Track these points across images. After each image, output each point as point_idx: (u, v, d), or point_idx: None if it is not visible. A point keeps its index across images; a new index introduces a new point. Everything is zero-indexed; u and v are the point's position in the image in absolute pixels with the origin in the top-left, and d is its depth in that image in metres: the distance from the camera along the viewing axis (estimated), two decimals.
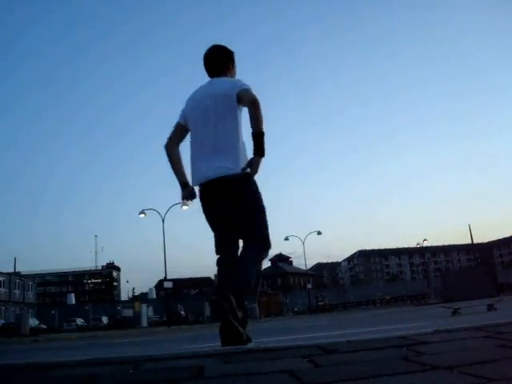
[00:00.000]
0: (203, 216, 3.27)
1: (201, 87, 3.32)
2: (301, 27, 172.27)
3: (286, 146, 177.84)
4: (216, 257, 3.31)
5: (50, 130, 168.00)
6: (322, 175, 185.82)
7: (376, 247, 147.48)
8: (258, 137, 2.96)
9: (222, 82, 3.23)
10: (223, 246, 3.28)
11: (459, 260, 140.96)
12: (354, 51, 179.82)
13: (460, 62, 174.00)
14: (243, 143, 3.15)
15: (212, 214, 3.23)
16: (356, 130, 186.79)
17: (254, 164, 2.97)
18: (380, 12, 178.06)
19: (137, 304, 40.18)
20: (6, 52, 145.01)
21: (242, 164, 3.02)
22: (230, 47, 3.39)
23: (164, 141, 3.41)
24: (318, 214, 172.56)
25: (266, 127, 3.01)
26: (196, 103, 3.25)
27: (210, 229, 3.38)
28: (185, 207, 33.38)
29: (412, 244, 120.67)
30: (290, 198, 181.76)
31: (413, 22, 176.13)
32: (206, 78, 3.40)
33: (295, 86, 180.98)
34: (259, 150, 2.97)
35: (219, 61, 3.34)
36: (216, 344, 3.28)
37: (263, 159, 2.98)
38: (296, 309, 56.21)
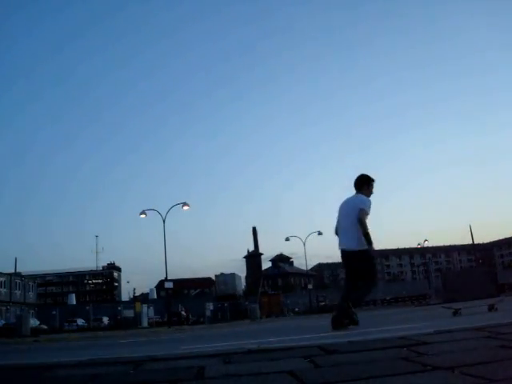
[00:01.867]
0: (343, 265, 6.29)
1: (350, 197, 6.18)
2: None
3: (286, 147, 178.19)
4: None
5: (55, 135, 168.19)
6: (323, 176, 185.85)
7: (376, 247, 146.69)
8: (364, 236, 5.84)
9: (357, 199, 6.05)
10: (349, 284, 6.08)
11: (460, 260, 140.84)
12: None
13: (462, 61, 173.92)
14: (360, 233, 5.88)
15: (346, 267, 6.17)
16: (354, 130, 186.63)
17: (370, 250, 5.97)
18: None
19: (137, 304, 40.20)
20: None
21: (358, 244, 5.89)
22: (372, 174, 6.35)
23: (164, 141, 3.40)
24: (319, 215, 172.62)
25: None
26: (343, 206, 6.18)
27: (208, 231, 3.62)
28: (185, 207, 33.60)
29: (413, 244, 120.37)
30: (291, 198, 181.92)
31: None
32: None
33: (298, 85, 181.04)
34: (368, 242, 5.87)
35: (359, 185, 6.16)
36: (216, 344, 3.28)
37: (373, 245, 6.00)
38: (297, 309, 56.18)
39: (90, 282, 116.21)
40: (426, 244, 63.69)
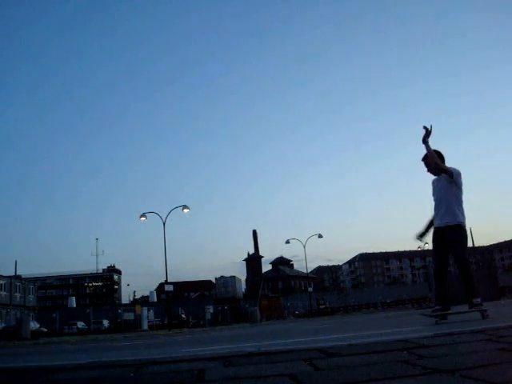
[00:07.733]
0: (431, 242, 5.89)
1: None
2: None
3: (285, 150, 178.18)
4: (434, 267, 5.90)
5: (53, 136, 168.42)
6: (324, 179, 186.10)
7: (377, 250, 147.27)
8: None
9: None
10: (442, 262, 5.81)
11: None
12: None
13: (448, 62, 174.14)
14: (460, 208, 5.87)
15: (440, 243, 5.77)
16: (354, 130, 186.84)
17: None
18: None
19: (138, 307, 40.09)
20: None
21: (458, 219, 5.72)
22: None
23: (165, 145, 3.42)
24: (319, 218, 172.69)
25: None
26: (434, 184, 5.98)
27: (208, 234, 3.44)
28: (185, 210, 33.74)
29: (413, 247, 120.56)
30: (291, 201, 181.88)
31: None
32: None
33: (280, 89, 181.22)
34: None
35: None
36: (216, 347, 3.28)
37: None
38: (297, 312, 56.15)
39: (90, 284, 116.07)
40: (427, 247, 63.71)
